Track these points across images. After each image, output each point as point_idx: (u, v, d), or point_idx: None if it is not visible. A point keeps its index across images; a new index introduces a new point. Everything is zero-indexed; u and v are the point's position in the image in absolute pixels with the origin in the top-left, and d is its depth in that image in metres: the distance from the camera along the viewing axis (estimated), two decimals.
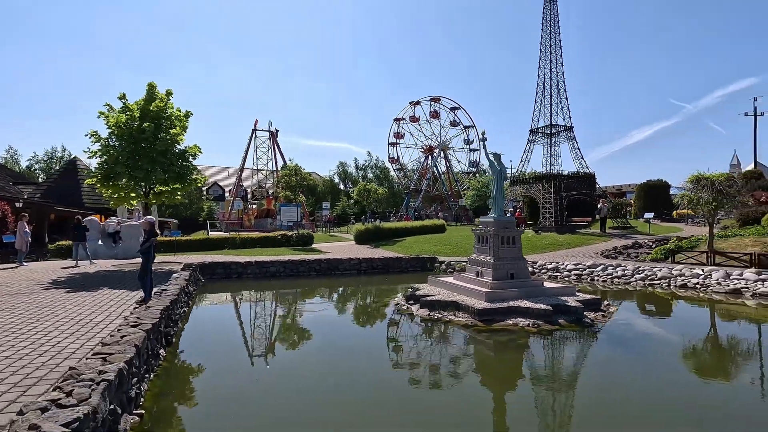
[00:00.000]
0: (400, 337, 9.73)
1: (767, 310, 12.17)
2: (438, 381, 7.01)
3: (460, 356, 8.35)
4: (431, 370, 7.47)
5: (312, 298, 15.54)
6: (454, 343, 9.00)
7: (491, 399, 6.44)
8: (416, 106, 61.89)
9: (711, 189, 18.42)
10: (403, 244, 27.92)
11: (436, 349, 8.82)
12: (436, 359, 8.14)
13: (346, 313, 12.98)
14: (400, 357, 8.27)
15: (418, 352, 8.57)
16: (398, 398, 6.26)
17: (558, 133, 31.82)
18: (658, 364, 7.71)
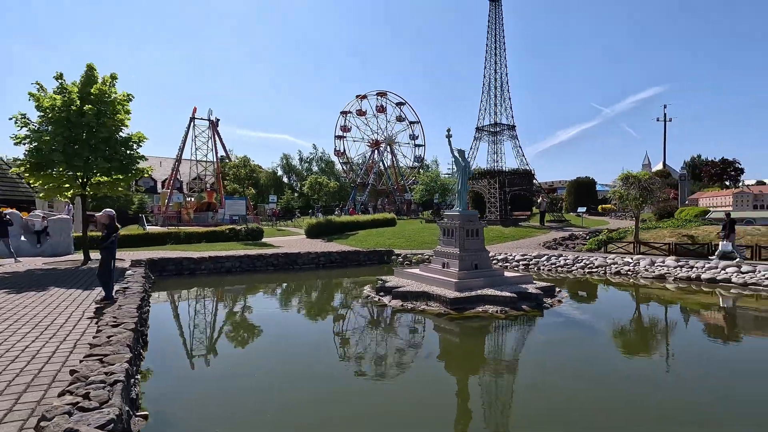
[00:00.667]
0: (381, 328, 9.96)
1: (684, 292, 14.03)
2: (429, 366, 7.36)
3: (442, 341, 8.80)
4: (419, 356, 7.82)
5: (278, 294, 15.21)
6: (433, 331, 9.42)
7: (481, 377, 6.91)
8: (363, 99, 61.92)
9: (638, 186, 20.64)
10: (356, 238, 28.06)
11: (418, 336, 9.20)
12: (422, 346, 8.53)
13: (319, 307, 12.83)
14: (387, 346, 8.50)
15: (403, 340, 8.90)
16: (394, 384, 6.51)
17: (501, 131, 33.54)
18: (606, 340, 8.89)
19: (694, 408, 5.65)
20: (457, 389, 6.41)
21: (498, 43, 33.53)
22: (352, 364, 7.49)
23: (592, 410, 5.58)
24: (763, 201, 21.01)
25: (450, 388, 6.48)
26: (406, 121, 65.05)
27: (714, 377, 6.82)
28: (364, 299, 12.31)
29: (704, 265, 16.07)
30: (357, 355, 7.98)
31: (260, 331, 9.80)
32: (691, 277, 15.57)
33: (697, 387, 6.38)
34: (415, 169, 65.64)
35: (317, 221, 30.88)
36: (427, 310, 10.45)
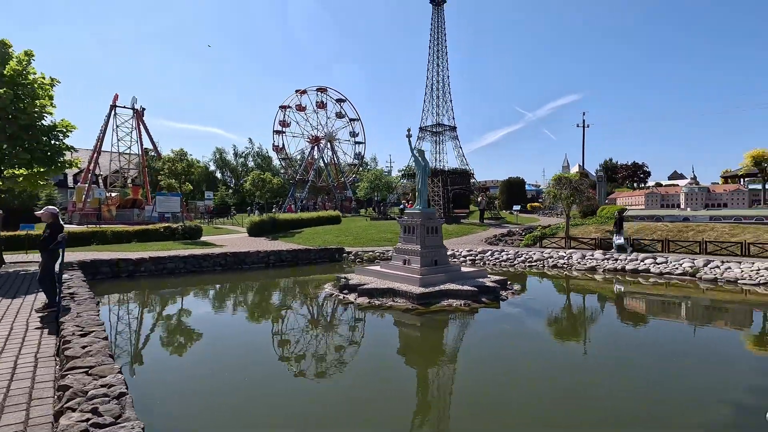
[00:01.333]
0: (351, 325, 9.96)
1: (610, 282, 15.72)
2: (405, 360, 7.58)
3: (415, 336, 9.06)
4: (395, 351, 7.99)
5: (236, 295, 14.46)
6: (404, 326, 9.65)
7: (457, 368, 7.26)
8: (303, 94, 60.57)
9: (569, 186, 22.61)
10: (302, 236, 27.59)
11: (391, 332, 9.37)
12: (397, 341, 8.70)
13: (284, 307, 12.39)
14: (361, 343, 8.58)
15: (377, 336, 9.04)
16: (387, 376, 6.63)
17: (443, 131, 34.74)
18: (560, 327, 9.76)
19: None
20: (432, 381, 6.71)
21: (440, 46, 34.66)
22: (331, 362, 7.49)
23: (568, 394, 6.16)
24: (670, 200, 24.24)
25: (421, 381, 6.74)
26: (346, 117, 64.72)
27: (649, 356, 7.84)
28: (327, 297, 12.23)
29: (626, 258, 18.09)
30: (335, 352, 7.98)
31: (228, 334, 9.38)
32: (617, 268, 17.45)
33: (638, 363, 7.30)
34: (355, 166, 65.64)
35: (260, 219, 29.83)
36: (395, 306, 10.68)
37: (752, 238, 18.74)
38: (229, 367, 7.13)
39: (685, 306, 12.37)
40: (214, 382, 6.46)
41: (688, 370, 6.95)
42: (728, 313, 11.58)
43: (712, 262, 16.03)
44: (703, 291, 13.69)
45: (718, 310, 11.98)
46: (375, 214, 37.62)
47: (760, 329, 10.23)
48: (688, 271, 15.79)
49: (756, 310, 11.77)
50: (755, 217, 20.76)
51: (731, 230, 19.91)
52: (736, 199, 22.67)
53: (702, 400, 5.81)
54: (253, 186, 31.56)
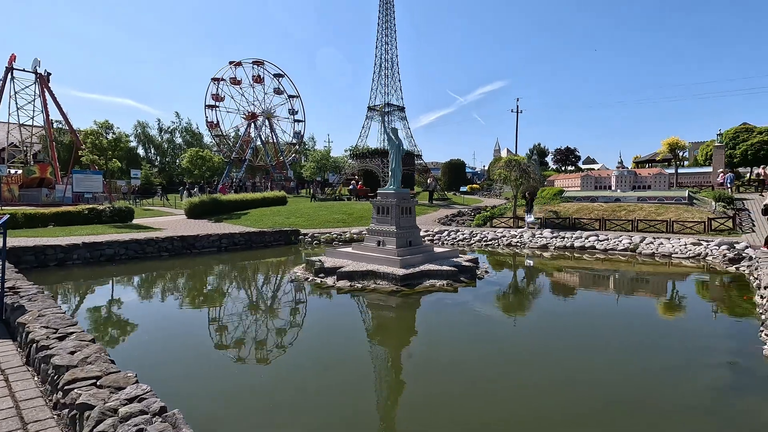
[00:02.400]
0: (345, 311, 9.44)
1: (567, 258, 16.78)
2: (429, 340, 7.40)
3: (417, 316, 8.86)
4: (409, 335, 7.78)
5: (199, 282, 13.01)
6: (400, 307, 9.37)
7: (479, 345, 7.20)
8: (238, 67, 56.55)
9: (518, 169, 23.62)
10: (249, 218, 26.14)
11: (394, 314, 9.05)
12: (404, 324, 8.45)
13: (260, 295, 11.33)
14: (365, 329, 8.22)
15: (377, 320, 8.70)
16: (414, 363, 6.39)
17: (392, 111, 34.47)
18: (543, 302, 10.17)
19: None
20: (447, 366, 6.60)
21: (389, 23, 33.99)
22: (347, 349, 7.08)
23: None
24: (603, 182, 26.53)
25: (434, 365, 6.62)
26: (285, 94, 61.83)
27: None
28: (302, 282, 11.59)
29: (572, 236, 19.41)
30: (336, 342, 7.57)
31: (214, 327, 8.47)
32: (566, 245, 18.67)
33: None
34: (294, 145, 63.31)
35: (200, 200, 27.69)
36: (378, 289, 10.41)
37: (674, 216, 21.02)
38: (238, 368, 6.42)
39: (632, 278, 13.51)
40: (230, 383, 5.77)
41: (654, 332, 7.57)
42: (684, 282, 12.72)
43: (646, 239, 17.72)
44: (645, 264, 15.11)
45: (671, 281, 13.15)
46: (322, 195, 36.65)
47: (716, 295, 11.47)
48: (629, 247, 17.33)
49: (702, 279, 13.12)
50: (674, 198, 23.32)
51: (656, 210, 22.16)
52: (658, 182, 25.30)
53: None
54: (191, 164, 29.00)
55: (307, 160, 59.88)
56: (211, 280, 13.43)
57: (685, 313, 9.50)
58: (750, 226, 19.56)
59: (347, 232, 21.93)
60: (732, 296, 10.51)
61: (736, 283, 11.82)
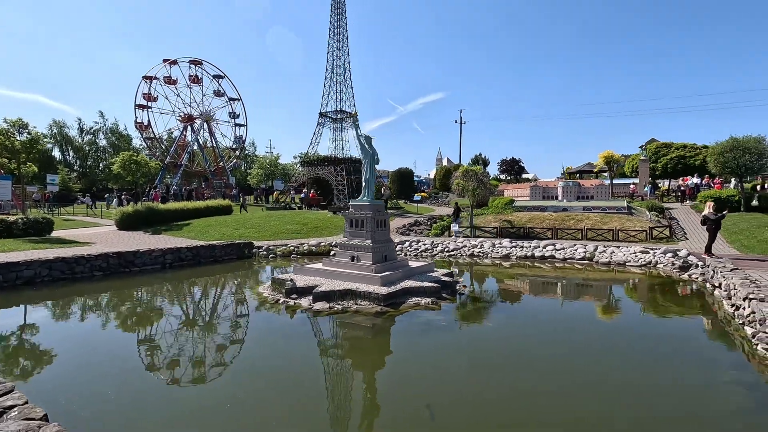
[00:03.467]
0: (334, 341, 8.37)
1: (525, 268, 17.02)
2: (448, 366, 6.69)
3: (428, 344, 8.02)
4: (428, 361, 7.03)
5: (149, 309, 11.02)
6: (399, 334, 8.53)
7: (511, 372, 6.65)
8: (173, 65, 52.63)
9: (476, 179, 23.91)
10: (192, 229, 24.01)
11: (388, 342, 8.20)
12: (404, 354, 7.62)
13: (229, 322, 9.72)
14: (364, 362, 7.35)
15: (377, 351, 7.78)
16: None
17: (344, 119, 33.74)
18: (525, 315, 9.93)
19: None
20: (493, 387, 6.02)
21: (341, 29, 33.38)
22: (341, 392, 6.19)
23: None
24: (550, 193, 27.84)
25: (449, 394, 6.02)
26: (225, 96, 58.64)
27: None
28: (272, 304, 10.42)
29: (530, 245, 19.86)
30: (337, 379, 6.65)
31: (172, 369, 7.11)
32: (527, 255, 19.01)
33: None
34: (236, 150, 60.15)
35: (134, 208, 24.94)
36: (362, 310, 9.59)
37: (618, 225, 22.34)
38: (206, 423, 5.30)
39: (603, 287, 13.88)
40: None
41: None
42: (654, 292, 13.19)
43: (599, 247, 18.54)
44: (605, 272, 15.71)
45: (641, 290, 13.62)
46: (270, 205, 34.82)
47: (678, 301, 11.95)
48: (586, 256, 18.00)
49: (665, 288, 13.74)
50: (616, 207, 24.92)
51: (602, 219, 23.46)
52: (600, 192, 26.95)
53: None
54: (123, 169, 26.01)
55: (253, 167, 57.11)
56: (160, 305, 11.69)
57: (675, 324, 9.68)
58: (682, 234, 21.26)
59: (304, 244, 20.76)
60: (704, 306, 10.99)
61: (696, 292, 12.54)
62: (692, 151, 37.32)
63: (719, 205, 21.72)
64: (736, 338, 7.85)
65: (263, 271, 16.76)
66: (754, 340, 7.18)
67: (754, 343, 7.13)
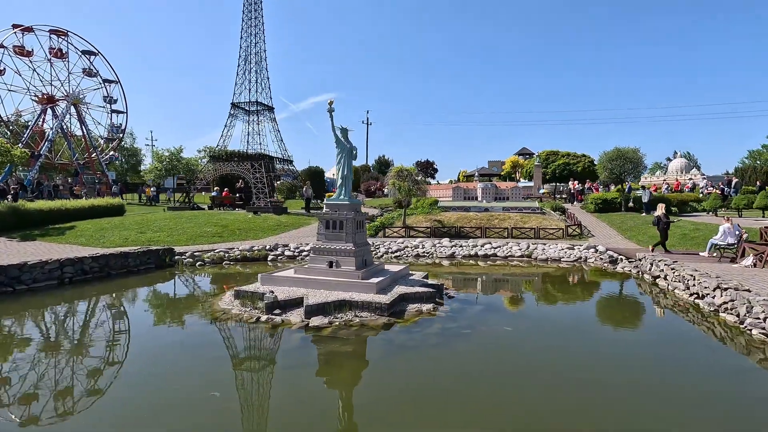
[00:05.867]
0: (383, 360, 7.00)
1: (472, 266, 17.41)
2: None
3: (487, 359, 7.14)
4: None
5: (56, 345, 8.09)
6: (445, 346, 7.50)
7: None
8: (27, 33, 42.81)
9: (411, 179, 23.86)
10: (79, 234, 19.64)
11: (443, 358, 7.11)
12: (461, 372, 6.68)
13: (214, 355, 7.26)
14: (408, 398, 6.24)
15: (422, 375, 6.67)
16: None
17: (261, 111, 31.13)
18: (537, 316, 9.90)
19: None
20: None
21: (257, 13, 30.66)
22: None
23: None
24: (470, 194, 29.44)
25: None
26: (98, 77, 49.93)
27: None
28: (253, 323, 8.59)
29: (470, 244, 20.41)
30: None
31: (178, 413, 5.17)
32: (470, 254, 19.45)
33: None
34: (114, 140, 51.61)
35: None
36: (368, 323, 8.43)
37: (536, 224, 24.33)
38: None
39: (557, 281, 14.72)
40: None
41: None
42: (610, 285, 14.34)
43: (532, 245, 19.85)
44: (545, 267, 16.80)
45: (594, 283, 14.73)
46: (185, 202, 30.27)
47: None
48: (525, 254, 19.08)
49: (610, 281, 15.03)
50: (531, 208, 27.24)
51: (522, 218, 25.33)
52: (515, 194, 29.18)
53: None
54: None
55: (116, 159, 49.42)
56: (89, 340, 8.84)
57: (650, 320, 10.38)
58: (588, 231, 23.99)
59: (234, 249, 18.33)
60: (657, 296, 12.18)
61: (636, 281, 14.04)
62: (575, 159, 42.87)
63: (665, 209, 25.16)
64: (717, 327, 8.70)
65: (198, 283, 14.25)
66: (744, 326, 8.03)
67: (746, 329, 7.98)
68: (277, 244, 19.39)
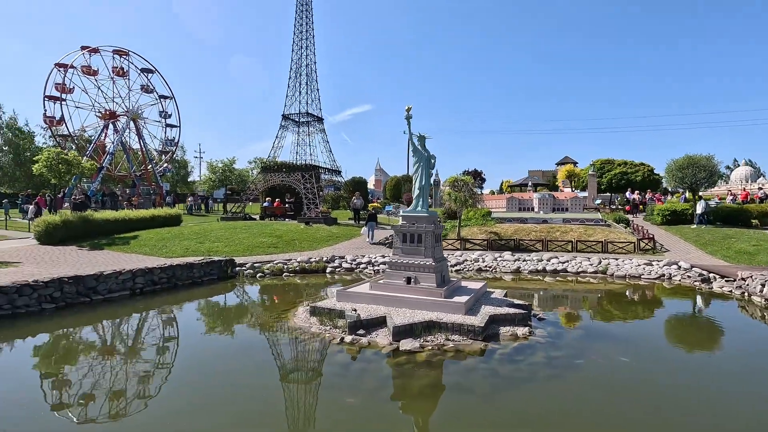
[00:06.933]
0: (488, 395, 6.12)
1: (544, 282, 16.19)
2: None
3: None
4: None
5: (153, 361, 7.99)
6: (570, 381, 6.65)
7: None
8: (94, 54, 45.59)
9: (466, 189, 22.97)
10: (143, 244, 20.04)
11: (585, 394, 6.29)
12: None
13: (304, 381, 6.79)
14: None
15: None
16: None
17: (311, 122, 31.34)
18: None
19: None
20: None
21: (307, 26, 31.02)
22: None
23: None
24: (525, 204, 28.23)
25: None
26: (155, 93, 52.39)
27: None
28: (337, 344, 8.02)
29: (534, 258, 19.21)
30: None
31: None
32: (537, 269, 18.25)
33: None
34: (167, 153, 53.84)
35: (63, 219, 20.16)
36: (462, 348, 7.66)
37: (602, 236, 22.69)
38: None
39: (658, 302, 13.36)
40: None
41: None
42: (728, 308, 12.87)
43: (605, 261, 18.39)
44: (630, 285, 15.36)
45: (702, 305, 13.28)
46: (231, 213, 30.84)
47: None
48: (599, 270, 17.68)
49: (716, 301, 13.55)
50: (593, 220, 25.62)
51: (585, 231, 23.75)
52: (574, 205, 27.61)
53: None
54: (48, 170, 20.90)
55: (168, 171, 51.30)
56: (166, 351, 8.63)
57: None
58: (660, 246, 22.11)
59: (292, 260, 18.09)
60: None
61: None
62: (633, 168, 40.47)
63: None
64: None
65: (264, 296, 13.98)
66: None
67: None
68: (334, 256, 19.01)
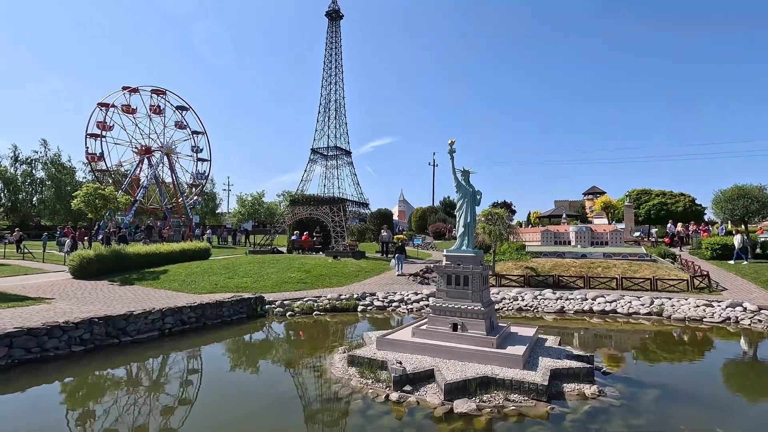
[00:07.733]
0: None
1: (591, 324, 14.91)
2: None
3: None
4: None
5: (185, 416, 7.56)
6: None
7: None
8: (133, 94, 48.03)
9: (501, 222, 22.08)
10: (172, 279, 19.83)
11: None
12: None
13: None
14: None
15: None
16: None
17: (339, 155, 31.40)
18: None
19: None
20: None
21: (336, 62, 31.53)
22: None
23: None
24: (561, 238, 27.00)
25: None
26: (188, 129, 54.35)
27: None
28: (381, 403, 7.19)
29: (579, 297, 17.92)
30: None
31: None
32: (584, 309, 16.96)
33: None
34: (198, 186, 55.16)
35: (97, 254, 20.30)
36: (525, 411, 6.71)
37: (649, 273, 21.15)
38: None
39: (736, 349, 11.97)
40: None
41: None
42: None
43: (658, 300, 16.95)
44: (697, 329, 13.92)
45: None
46: (254, 248, 30.80)
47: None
48: (653, 311, 16.25)
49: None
50: (637, 255, 24.13)
51: (630, 266, 22.26)
52: (614, 238, 26.14)
53: None
54: (85, 205, 21.36)
55: (198, 204, 52.24)
56: (196, 401, 8.00)
57: None
58: (716, 284, 20.38)
59: (322, 297, 17.44)
60: None
61: None
62: (672, 198, 38.62)
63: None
64: None
65: (296, 338, 13.29)
66: None
67: None
68: (365, 293, 18.28)
